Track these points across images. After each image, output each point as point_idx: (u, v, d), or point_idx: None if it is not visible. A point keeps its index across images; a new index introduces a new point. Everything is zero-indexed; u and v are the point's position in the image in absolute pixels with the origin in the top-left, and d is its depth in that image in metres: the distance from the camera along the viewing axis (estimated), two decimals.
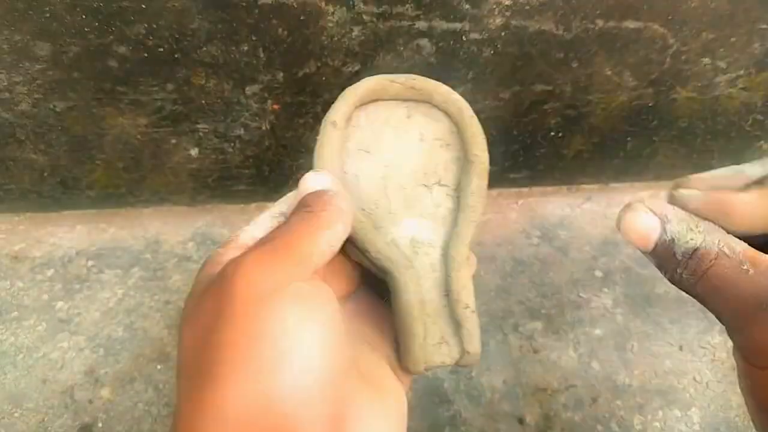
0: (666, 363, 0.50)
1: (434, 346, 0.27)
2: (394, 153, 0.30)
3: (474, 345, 0.27)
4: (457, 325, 0.27)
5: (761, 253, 0.23)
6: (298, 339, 0.22)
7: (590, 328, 0.51)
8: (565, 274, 0.54)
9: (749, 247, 0.24)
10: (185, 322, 0.24)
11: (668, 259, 0.24)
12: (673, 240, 0.24)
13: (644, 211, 0.25)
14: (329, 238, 0.25)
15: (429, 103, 0.30)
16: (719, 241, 0.24)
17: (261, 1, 0.40)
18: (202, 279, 0.25)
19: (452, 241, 0.28)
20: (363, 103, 0.30)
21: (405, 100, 0.30)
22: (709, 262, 0.23)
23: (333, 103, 0.29)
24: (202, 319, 0.23)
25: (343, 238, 0.26)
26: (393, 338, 0.29)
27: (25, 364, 0.48)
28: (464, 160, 0.29)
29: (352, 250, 0.29)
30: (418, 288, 0.27)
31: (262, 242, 0.25)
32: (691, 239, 0.24)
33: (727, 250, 0.23)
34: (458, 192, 0.29)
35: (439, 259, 0.28)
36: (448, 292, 0.28)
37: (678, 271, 0.24)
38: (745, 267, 0.23)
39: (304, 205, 0.27)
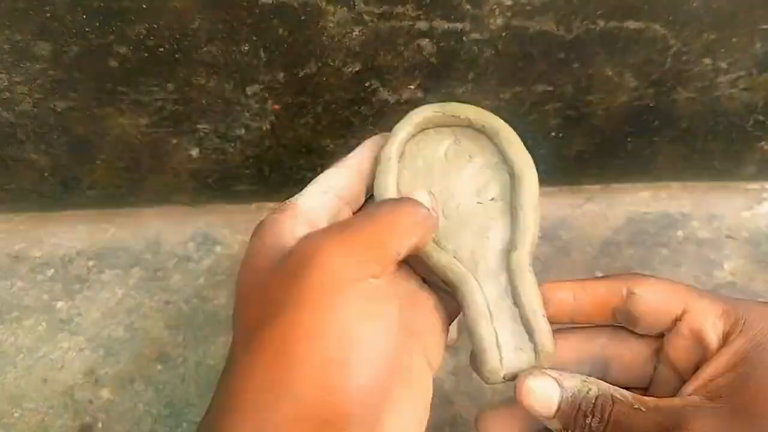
0: None
1: (510, 353, 0.28)
2: (446, 177, 0.31)
3: (550, 345, 0.28)
4: (529, 330, 0.28)
5: (643, 396, 0.26)
6: (364, 338, 0.23)
7: None
8: (566, 274, 0.54)
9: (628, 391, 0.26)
10: (248, 289, 0.25)
11: (573, 415, 0.25)
12: (574, 395, 0.25)
13: (541, 377, 0.26)
14: (414, 241, 0.26)
15: (471, 127, 0.32)
16: (608, 387, 0.26)
17: (261, 0, 0.40)
18: (267, 248, 0.25)
19: (512, 251, 0.29)
20: (412, 136, 0.32)
21: (450, 126, 0.32)
22: (610, 406, 0.25)
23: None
24: (272, 293, 0.24)
25: (424, 243, 0.27)
26: (432, 322, 0.30)
27: (25, 364, 0.48)
28: (513, 176, 0.31)
29: (417, 264, 0.30)
30: (484, 299, 0.29)
31: (344, 226, 0.25)
32: (589, 390, 0.26)
33: (618, 395, 0.25)
34: (512, 206, 0.31)
35: (502, 268, 0.30)
36: (516, 301, 0.29)
37: (587, 421, 0.25)
38: (636, 407, 0.25)
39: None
